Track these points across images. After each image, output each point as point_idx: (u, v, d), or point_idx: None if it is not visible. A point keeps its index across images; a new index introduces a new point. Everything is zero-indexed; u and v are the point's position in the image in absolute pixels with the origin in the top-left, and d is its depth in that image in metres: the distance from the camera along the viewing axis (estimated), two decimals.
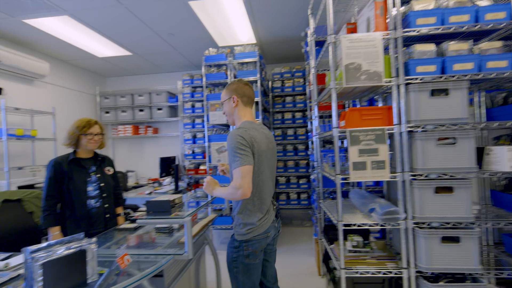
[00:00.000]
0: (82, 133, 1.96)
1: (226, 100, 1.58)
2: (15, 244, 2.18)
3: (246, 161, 1.36)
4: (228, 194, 1.43)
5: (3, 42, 3.44)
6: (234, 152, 1.38)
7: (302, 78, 4.52)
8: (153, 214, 1.58)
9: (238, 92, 1.56)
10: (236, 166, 1.37)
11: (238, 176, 1.36)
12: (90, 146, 1.99)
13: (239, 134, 1.42)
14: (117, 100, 4.99)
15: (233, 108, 1.56)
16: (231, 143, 1.41)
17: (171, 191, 3.79)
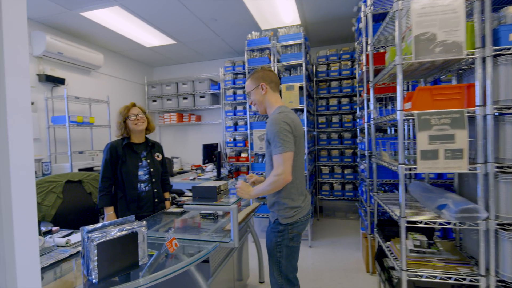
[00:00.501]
0: (125, 116, 2.02)
1: (254, 89, 1.57)
2: (76, 222, 2.38)
3: (288, 147, 1.38)
4: (270, 185, 1.42)
5: (63, 35, 3.72)
6: (278, 138, 1.38)
7: (350, 61, 4.18)
8: (199, 200, 1.55)
9: (265, 79, 1.55)
10: (278, 152, 1.38)
11: (279, 162, 1.37)
12: (137, 127, 2.04)
13: (283, 119, 1.41)
14: (163, 88, 5.17)
15: (263, 96, 1.56)
16: (275, 128, 1.40)
17: (213, 178, 3.84)
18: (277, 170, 1.38)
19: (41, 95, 3.44)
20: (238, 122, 4.77)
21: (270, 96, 1.56)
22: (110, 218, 1.95)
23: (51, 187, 2.36)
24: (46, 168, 3.22)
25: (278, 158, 1.38)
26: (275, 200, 1.52)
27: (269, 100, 1.56)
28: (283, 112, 1.48)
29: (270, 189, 1.43)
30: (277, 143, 1.39)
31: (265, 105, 1.57)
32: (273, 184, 1.40)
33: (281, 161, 1.37)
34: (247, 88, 1.63)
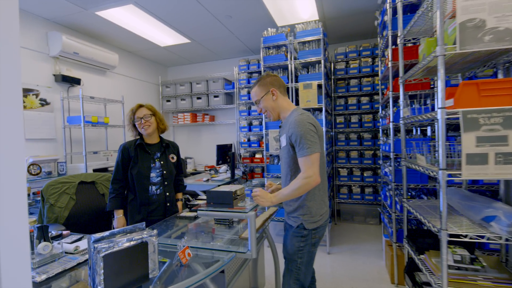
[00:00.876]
0: (132, 120, 1.96)
1: (263, 96, 1.53)
2: (89, 224, 2.33)
3: (316, 148, 1.35)
4: (298, 189, 1.35)
5: (79, 35, 3.73)
6: (304, 139, 1.34)
7: (371, 58, 3.97)
8: (214, 206, 1.44)
9: (274, 84, 1.52)
10: (306, 154, 1.33)
11: (308, 164, 1.33)
12: (144, 131, 1.96)
13: (307, 120, 1.39)
14: (177, 88, 5.13)
15: (275, 101, 1.52)
16: (301, 129, 1.36)
17: (227, 179, 3.75)
18: (307, 172, 1.33)
19: (57, 95, 3.45)
20: (253, 122, 4.65)
21: (281, 101, 1.53)
22: (119, 221, 1.88)
23: (64, 188, 2.32)
24: (62, 168, 3.22)
25: (307, 160, 1.34)
26: (299, 204, 1.47)
27: (281, 105, 1.52)
28: (305, 113, 1.45)
29: (298, 192, 1.36)
30: (304, 145, 1.34)
31: (279, 110, 1.53)
32: (302, 188, 1.35)
33: (310, 162, 1.33)
34: (255, 96, 1.56)
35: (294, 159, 1.45)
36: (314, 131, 1.38)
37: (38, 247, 1.27)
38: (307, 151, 1.33)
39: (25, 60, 3.14)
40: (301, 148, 1.35)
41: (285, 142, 1.48)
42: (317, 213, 1.46)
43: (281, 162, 1.58)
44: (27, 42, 3.16)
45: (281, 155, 1.57)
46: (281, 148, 1.55)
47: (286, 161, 1.50)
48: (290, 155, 1.46)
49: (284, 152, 1.50)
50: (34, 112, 3.20)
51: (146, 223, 1.92)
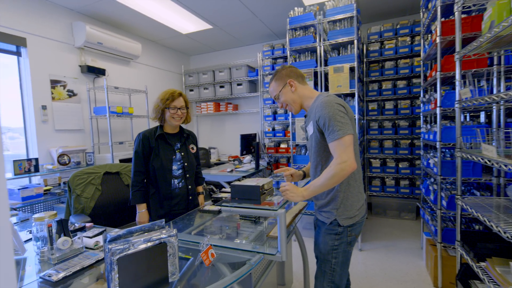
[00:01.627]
0: (166, 106, 1.81)
1: (281, 89, 1.41)
2: (114, 215, 2.31)
3: (348, 129, 1.19)
4: (332, 177, 1.17)
5: (102, 25, 3.71)
6: (334, 121, 1.19)
7: (409, 36, 3.57)
8: (239, 201, 1.30)
9: (291, 75, 1.41)
10: (338, 136, 1.18)
11: (341, 147, 1.17)
12: (173, 122, 1.83)
13: (336, 101, 1.25)
14: (200, 77, 5.04)
15: (295, 93, 1.40)
16: (329, 111, 1.21)
17: (251, 170, 3.62)
18: (341, 157, 1.16)
19: (83, 86, 3.48)
20: (278, 110, 4.45)
21: (302, 90, 1.40)
22: (142, 216, 1.80)
23: (90, 178, 2.31)
24: (89, 158, 3.26)
25: (339, 143, 1.18)
26: (331, 197, 1.31)
27: (303, 94, 1.40)
28: (331, 95, 1.31)
29: (333, 182, 1.18)
30: (334, 127, 1.19)
31: (301, 100, 1.41)
32: (338, 176, 1.17)
33: (343, 146, 1.17)
34: (273, 91, 1.45)
35: (324, 146, 1.29)
36: (343, 112, 1.23)
37: (58, 242, 1.21)
38: (339, 133, 1.17)
39: (52, 51, 3.17)
40: (331, 131, 1.19)
41: (312, 129, 1.32)
42: (353, 206, 1.30)
43: (310, 152, 1.42)
44: (54, 33, 3.18)
45: (309, 145, 1.41)
46: (310, 138, 1.38)
47: (315, 150, 1.34)
48: (319, 142, 1.30)
49: (312, 140, 1.34)
50: (62, 103, 3.25)
51: (169, 217, 1.87)
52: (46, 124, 3.08)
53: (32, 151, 3.02)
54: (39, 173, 2.75)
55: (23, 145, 3.03)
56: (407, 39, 3.57)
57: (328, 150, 1.28)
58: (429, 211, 2.62)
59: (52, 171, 2.89)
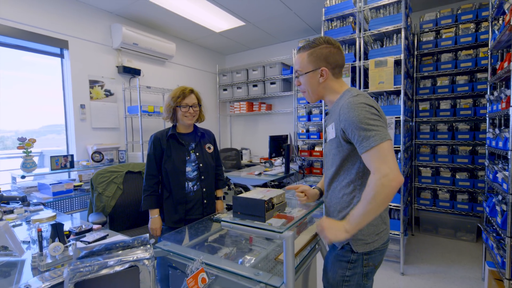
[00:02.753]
0: (177, 104, 1.70)
1: (309, 72, 1.09)
2: (134, 215, 2.29)
3: (385, 133, 0.92)
4: (373, 199, 0.90)
5: (137, 26, 3.81)
6: (365, 125, 0.92)
7: (473, 23, 2.99)
8: (242, 216, 1.10)
9: (329, 61, 1.07)
10: (372, 144, 0.90)
11: (379, 158, 0.90)
12: (186, 120, 1.71)
13: (365, 101, 0.97)
14: (233, 76, 4.94)
15: (321, 84, 1.10)
16: (357, 114, 0.94)
17: (281, 174, 3.38)
18: (381, 170, 0.89)
19: (119, 86, 3.60)
20: (312, 110, 4.14)
21: (331, 83, 1.11)
22: (154, 222, 1.71)
23: (112, 177, 2.32)
24: (122, 156, 3.35)
25: (376, 152, 0.90)
26: (345, 216, 1.05)
27: (330, 87, 1.11)
28: (361, 93, 1.02)
29: (377, 205, 0.90)
30: (366, 133, 0.92)
31: (323, 93, 1.13)
32: (380, 196, 0.89)
33: (382, 155, 0.90)
34: (298, 64, 1.13)
35: (348, 155, 1.03)
36: (375, 114, 0.95)
37: (49, 247, 1.15)
38: (374, 140, 0.90)
39: (92, 53, 3.32)
40: (363, 139, 0.92)
41: (333, 134, 1.05)
42: (371, 230, 1.04)
43: (326, 160, 1.15)
44: (94, 35, 3.33)
45: (327, 150, 1.14)
46: (328, 142, 1.12)
47: (335, 158, 1.07)
48: (339, 152, 1.05)
49: (332, 147, 1.08)
50: (99, 103, 3.39)
51: (184, 222, 1.70)
52: (84, 122, 3.23)
53: (71, 148, 3.20)
54: (74, 169, 2.88)
55: (65, 142, 3.23)
56: (470, 26, 2.99)
57: (352, 161, 1.02)
58: (494, 236, 2.11)
59: (87, 167, 3.02)
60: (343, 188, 1.07)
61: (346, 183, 1.06)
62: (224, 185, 1.98)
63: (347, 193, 1.06)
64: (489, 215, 2.12)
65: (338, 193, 1.09)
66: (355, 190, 1.04)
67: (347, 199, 1.06)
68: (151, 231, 1.73)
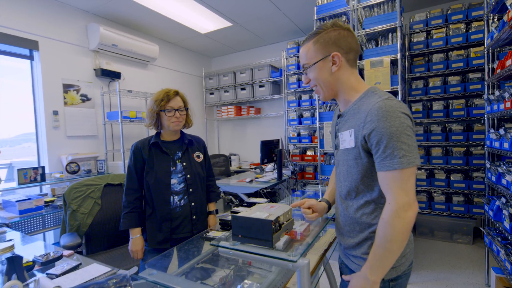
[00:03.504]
0: (161, 108, 1.49)
1: (318, 62, 0.91)
2: (113, 233, 2.05)
3: (415, 157, 0.78)
4: (394, 234, 0.78)
5: (117, 26, 3.57)
6: (397, 142, 0.77)
7: (464, 23, 2.97)
8: (243, 240, 0.92)
9: (340, 45, 0.90)
10: (396, 166, 0.77)
11: (400, 184, 0.77)
12: (172, 126, 1.51)
13: (402, 110, 0.80)
14: (220, 79, 4.76)
15: (334, 74, 0.92)
16: (393, 125, 0.78)
17: (273, 180, 3.22)
18: (398, 199, 0.77)
19: (97, 90, 3.33)
20: (303, 113, 4.02)
21: (346, 74, 0.92)
22: (135, 243, 1.49)
23: (89, 191, 2.07)
24: (101, 166, 3.08)
25: (398, 176, 0.78)
26: (367, 236, 0.90)
27: (346, 81, 0.92)
28: (392, 97, 0.85)
29: (401, 238, 0.78)
30: (395, 151, 0.77)
31: (338, 88, 0.94)
32: (401, 229, 0.78)
33: (403, 181, 0.77)
34: (305, 57, 0.95)
35: (365, 171, 0.87)
36: (411, 128, 0.81)
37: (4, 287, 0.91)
38: (400, 162, 0.76)
39: (66, 54, 3.05)
40: (388, 156, 0.78)
41: (352, 142, 0.88)
42: None
43: (339, 170, 0.98)
44: (67, 35, 3.06)
45: (341, 159, 0.96)
46: (342, 150, 0.94)
47: (349, 172, 0.92)
48: (357, 164, 0.88)
49: (348, 158, 0.91)
50: (75, 108, 3.11)
51: (170, 242, 1.44)
52: (57, 130, 2.94)
53: (43, 159, 2.90)
54: (45, 183, 2.59)
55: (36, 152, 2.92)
56: (461, 26, 2.97)
57: (374, 176, 0.86)
58: (500, 240, 2.03)
59: (60, 180, 2.73)
60: (361, 207, 0.91)
61: (365, 201, 0.90)
62: (217, 197, 1.78)
63: (367, 213, 0.90)
64: (494, 219, 2.04)
65: (355, 213, 0.93)
66: (377, 209, 0.89)
67: (367, 220, 0.90)
68: (131, 254, 1.51)
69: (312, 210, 1.11)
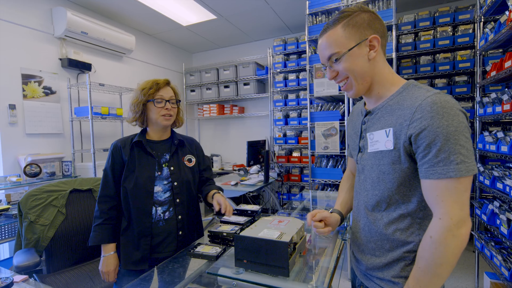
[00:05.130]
0: (149, 98, 1.25)
1: (354, 47, 0.75)
2: (81, 248, 1.76)
3: (473, 164, 0.64)
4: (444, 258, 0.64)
5: (87, 12, 3.21)
6: (454, 145, 0.63)
7: (450, 26, 2.99)
8: (249, 266, 0.73)
9: (376, 28, 0.77)
10: (449, 174, 0.63)
11: (455, 196, 0.63)
12: (162, 121, 1.27)
13: (459, 107, 0.67)
14: (202, 76, 4.51)
15: (371, 62, 0.77)
16: (448, 124, 0.64)
17: (260, 183, 3.04)
18: (454, 215, 0.63)
19: (63, 82, 2.96)
20: (290, 113, 3.88)
21: (382, 63, 0.79)
22: (108, 263, 1.24)
23: (51, 198, 1.76)
24: (67, 168, 2.73)
25: (454, 187, 0.64)
26: (400, 255, 0.75)
27: (382, 71, 0.79)
28: (441, 92, 0.70)
29: (451, 261, 0.65)
30: (451, 154, 0.64)
31: (372, 79, 0.79)
32: (455, 250, 0.64)
33: (460, 192, 0.64)
34: (333, 45, 0.77)
35: (403, 179, 0.74)
36: (469, 129, 0.68)
37: None
38: (457, 169, 0.63)
39: (26, 41, 2.66)
40: (442, 161, 0.64)
41: (390, 144, 0.74)
42: None
43: (364, 178, 0.84)
44: (29, 20, 2.68)
45: (368, 165, 0.82)
46: (372, 153, 0.79)
47: (381, 179, 0.77)
48: (394, 170, 0.74)
49: (382, 162, 0.76)
50: (37, 102, 2.73)
51: (149, 262, 1.16)
52: (14, 127, 2.56)
53: None
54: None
55: None
56: (448, 29, 2.98)
57: (413, 185, 0.73)
58: (494, 245, 2.00)
59: (17, 184, 2.36)
60: (394, 221, 0.77)
61: (399, 214, 0.76)
62: (218, 188, 1.44)
63: (401, 229, 0.76)
64: (488, 223, 2.01)
65: (386, 228, 0.78)
66: (414, 225, 0.75)
67: (401, 237, 0.75)
68: (102, 276, 1.26)
69: (325, 223, 0.95)
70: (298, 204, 1.99)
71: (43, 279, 1.56)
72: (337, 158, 2.83)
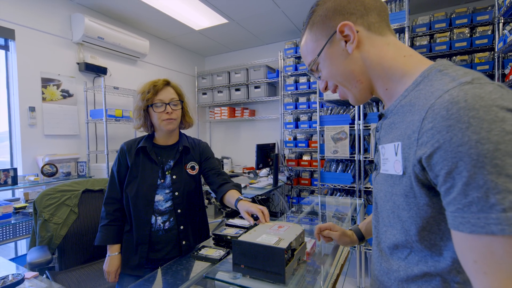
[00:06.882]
0: (148, 103, 1.23)
1: (322, 49, 0.59)
2: (91, 246, 1.82)
3: None
4: None
5: (104, 18, 3.33)
6: (493, 173, 0.35)
7: (468, 28, 2.89)
8: (246, 271, 0.72)
9: (347, 10, 0.56)
10: (492, 229, 0.35)
11: (504, 263, 0.35)
12: (164, 126, 1.24)
13: (504, 104, 0.37)
14: (214, 79, 4.56)
15: (353, 56, 0.57)
16: (483, 137, 0.36)
17: (269, 187, 3.03)
18: None
19: (80, 85, 3.08)
20: (300, 117, 3.86)
21: (376, 48, 0.56)
22: (112, 263, 1.26)
23: (64, 198, 1.83)
24: (82, 169, 2.82)
25: (500, 246, 0.36)
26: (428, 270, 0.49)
27: (378, 58, 0.56)
28: (480, 79, 0.41)
29: None
30: (493, 192, 0.36)
31: (368, 76, 0.58)
32: None
33: (502, 257, 0.36)
34: (307, 52, 0.64)
35: (431, 221, 0.47)
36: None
37: None
38: (506, 218, 0.35)
39: (47, 46, 2.79)
40: (475, 204, 0.37)
41: (399, 166, 0.49)
42: None
43: (377, 206, 0.62)
44: (49, 25, 2.81)
45: (381, 191, 0.57)
46: (383, 176, 0.56)
47: (396, 216, 0.53)
48: (409, 206, 0.49)
49: (395, 191, 0.51)
50: (55, 105, 2.85)
51: (146, 263, 1.17)
52: (33, 128, 2.67)
53: (16, 160, 2.62)
54: (18, 186, 2.33)
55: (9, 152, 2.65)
56: (465, 31, 2.88)
57: (447, 229, 0.46)
58: None
59: (35, 183, 2.46)
60: (416, 278, 0.52)
61: (423, 272, 0.50)
62: (237, 187, 1.34)
63: None
64: None
65: (407, 284, 0.54)
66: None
67: None
68: (105, 275, 1.28)
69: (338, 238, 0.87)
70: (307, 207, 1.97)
71: (55, 275, 1.62)
72: (347, 162, 2.79)
